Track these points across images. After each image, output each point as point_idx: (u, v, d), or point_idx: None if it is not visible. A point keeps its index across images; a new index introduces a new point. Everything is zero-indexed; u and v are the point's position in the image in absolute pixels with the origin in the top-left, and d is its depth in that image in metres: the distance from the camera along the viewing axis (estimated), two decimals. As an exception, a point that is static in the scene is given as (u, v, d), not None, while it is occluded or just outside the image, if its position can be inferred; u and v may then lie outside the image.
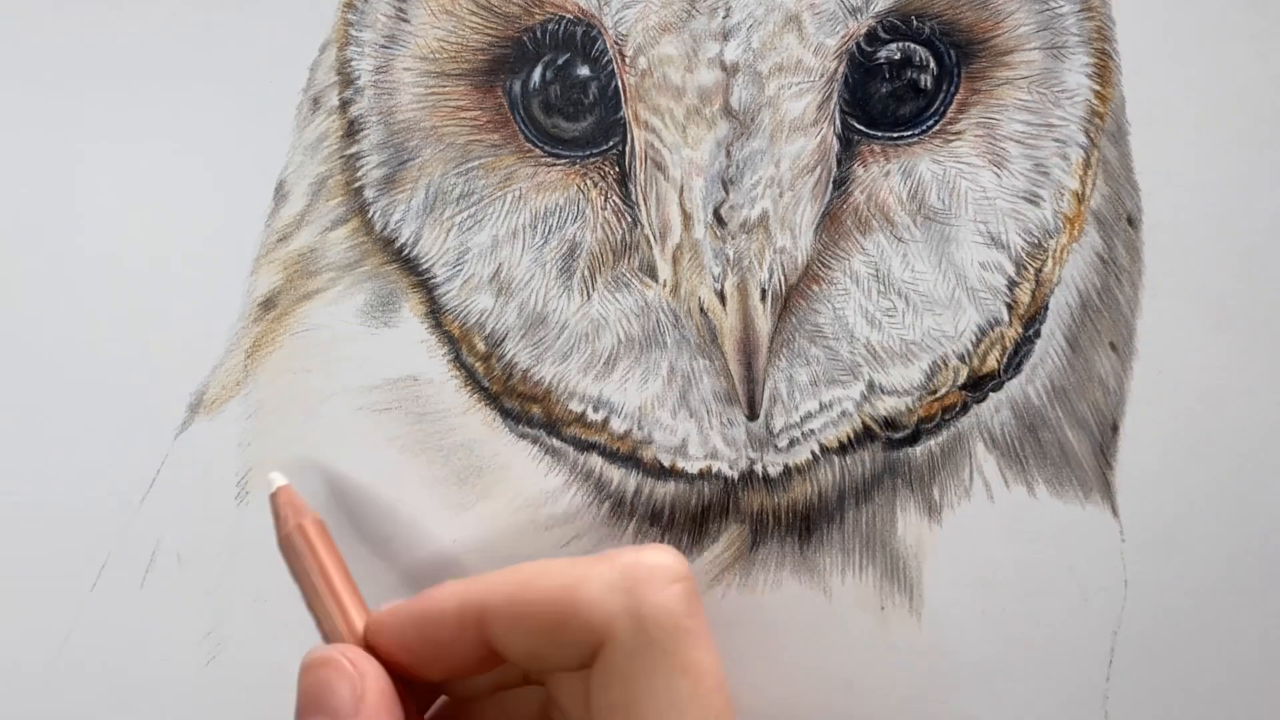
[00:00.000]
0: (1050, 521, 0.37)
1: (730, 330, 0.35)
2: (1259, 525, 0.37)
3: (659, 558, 0.30)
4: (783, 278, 0.35)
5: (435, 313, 0.37)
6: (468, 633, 0.31)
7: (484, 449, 0.37)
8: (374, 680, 0.31)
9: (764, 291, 0.35)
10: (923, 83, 0.36)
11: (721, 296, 0.35)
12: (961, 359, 0.36)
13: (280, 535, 0.34)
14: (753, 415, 0.36)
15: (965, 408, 0.37)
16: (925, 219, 0.36)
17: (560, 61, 0.36)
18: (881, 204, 0.36)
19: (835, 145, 0.36)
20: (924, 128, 0.36)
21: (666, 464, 0.36)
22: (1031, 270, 0.36)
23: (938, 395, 0.36)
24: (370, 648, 0.32)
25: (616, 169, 0.36)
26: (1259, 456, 0.37)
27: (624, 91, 0.36)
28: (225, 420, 0.37)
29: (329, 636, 0.33)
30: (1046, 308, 0.37)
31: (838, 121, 0.36)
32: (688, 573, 0.31)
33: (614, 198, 0.36)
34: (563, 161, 0.36)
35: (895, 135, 0.36)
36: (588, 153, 0.36)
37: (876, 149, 0.36)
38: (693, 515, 0.37)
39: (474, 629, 0.31)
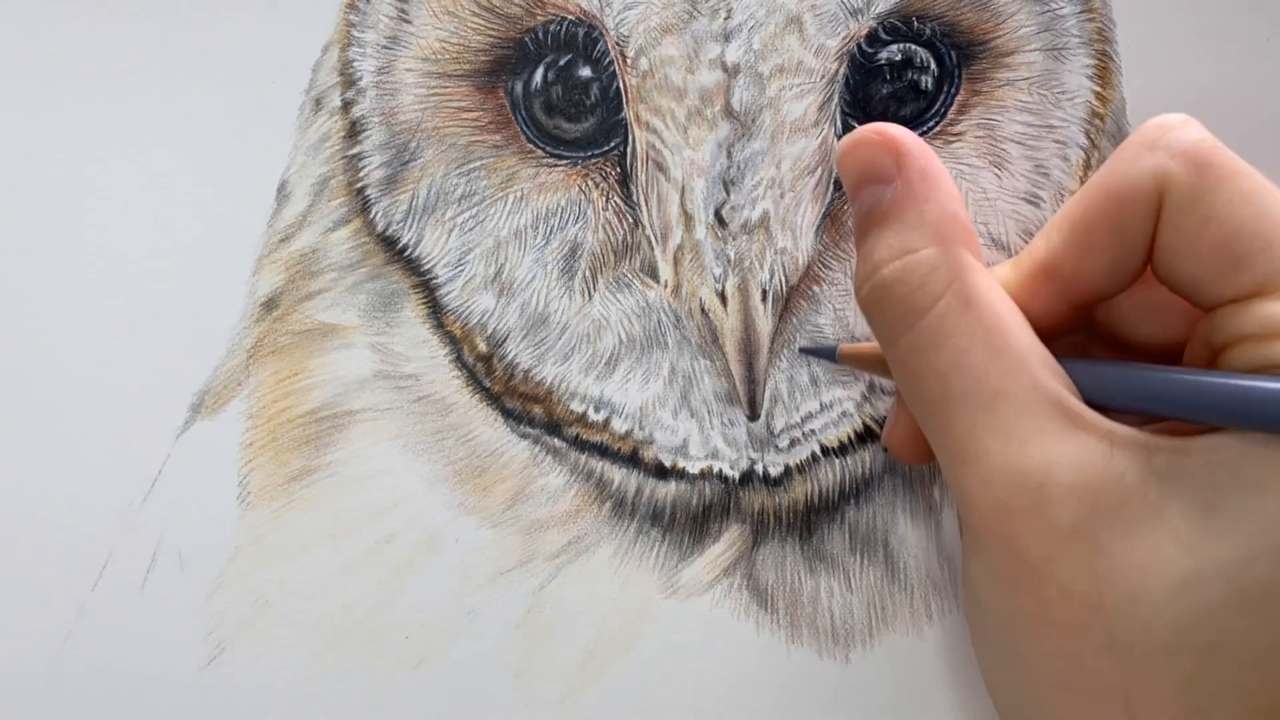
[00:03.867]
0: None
1: (731, 331, 0.35)
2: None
3: (1164, 116, 0.29)
4: (784, 278, 0.35)
5: (437, 313, 0.37)
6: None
7: (485, 449, 0.37)
8: (912, 142, 0.31)
9: (765, 292, 0.35)
10: (923, 84, 0.36)
11: (723, 297, 0.35)
12: (962, 359, 0.36)
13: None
14: (754, 415, 0.36)
15: (966, 408, 0.37)
16: (926, 220, 0.36)
17: (562, 63, 0.36)
18: (882, 205, 0.36)
19: (836, 146, 0.36)
20: (925, 129, 0.36)
21: (668, 464, 0.36)
22: (1032, 271, 0.36)
23: (938, 396, 0.36)
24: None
25: (618, 170, 0.36)
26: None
27: (625, 92, 0.36)
28: (227, 420, 0.37)
29: None
30: (1047, 308, 0.37)
31: (839, 122, 0.36)
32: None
33: (615, 198, 0.36)
34: (564, 162, 0.36)
35: (896, 136, 0.36)
36: (589, 154, 0.36)
37: (877, 150, 0.36)
38: (694, 515, 0.37)
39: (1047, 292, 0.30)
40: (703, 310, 0.35)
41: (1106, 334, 0.32)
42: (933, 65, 0.36)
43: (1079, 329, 0.32)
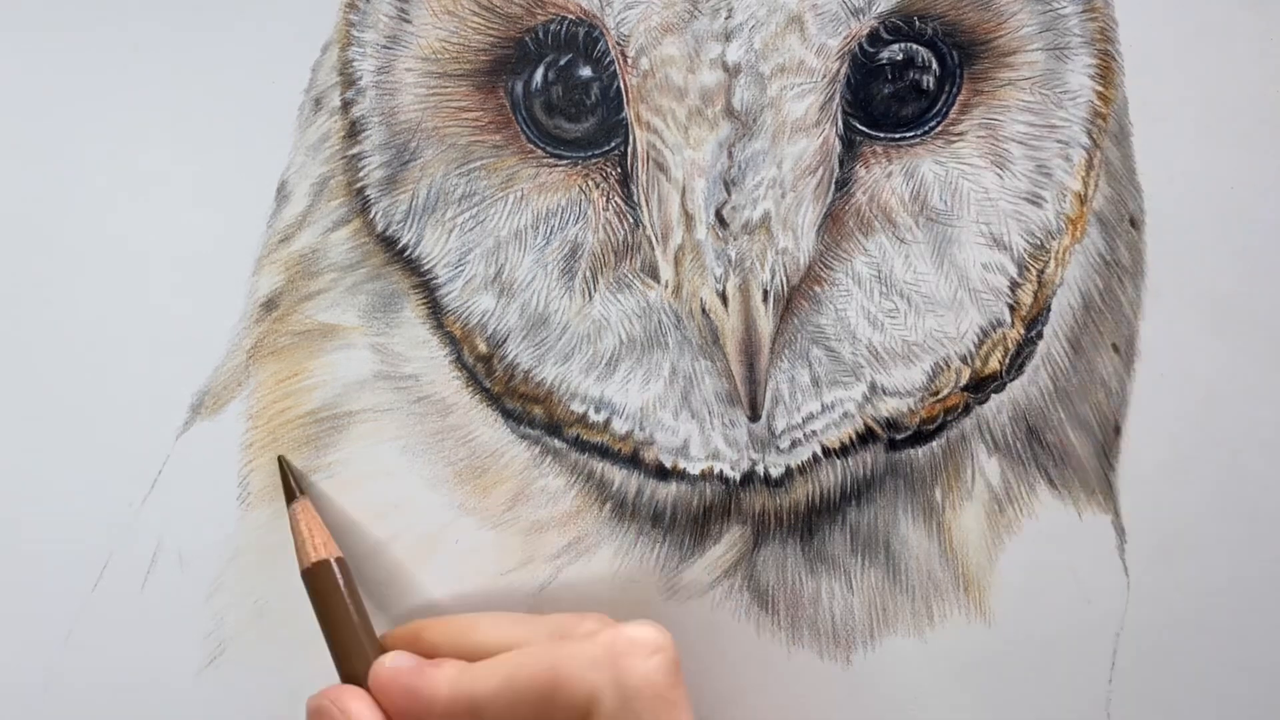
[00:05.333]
0: (1052, 523, 0.37)
1: (732, 331, 0.35)
2: (1260, 526, 0.37)
3: (639, 631, 0.32)
4: (785, 279, 0.35)
5: (437, 313, 0.37)
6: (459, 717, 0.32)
7: (485, 450, 0.37)
8: None
9: (766, 292, 0.35)
10: (925, 84, 0.36)
11: (723, 297, 0.35)
12: (964, 360, 0.36)
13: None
14: (755, 416, 0.36)
15: (967, 409, 0.37)
16: (927, 220, 0.36)
17: (562, 62, 0.36)
18: (884, 205, 0.36)
19: (837, 146, 0.36)
20: (926, 129, 0.36)
21: (668, 465, 0.36)
22: (1034, 271, 0.36)
23: (940, 396, 0.36)
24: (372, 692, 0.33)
25: (618, 170, 0.36)
26: (1261, 457, 0.37)
27: (626, 92, 0.36)
28: (227, 421, 0.37)
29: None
30: (1049, 309, 0.37)
31: (840, 122, 0.36)
32: (668, 643, 0.32)
33: (616, 199, 0.36)
34: (564, 162, 0.36)
35: (897, 136, 0.36)
36: (589, 153, 0.36)
37: (879, 150, 0.36)
38: (694, 516, 0.37)
39: (465, 715, 0.32)
40: (703, 310, 0.35)
41: None
42: (934, 65, 0.36)
43: None
